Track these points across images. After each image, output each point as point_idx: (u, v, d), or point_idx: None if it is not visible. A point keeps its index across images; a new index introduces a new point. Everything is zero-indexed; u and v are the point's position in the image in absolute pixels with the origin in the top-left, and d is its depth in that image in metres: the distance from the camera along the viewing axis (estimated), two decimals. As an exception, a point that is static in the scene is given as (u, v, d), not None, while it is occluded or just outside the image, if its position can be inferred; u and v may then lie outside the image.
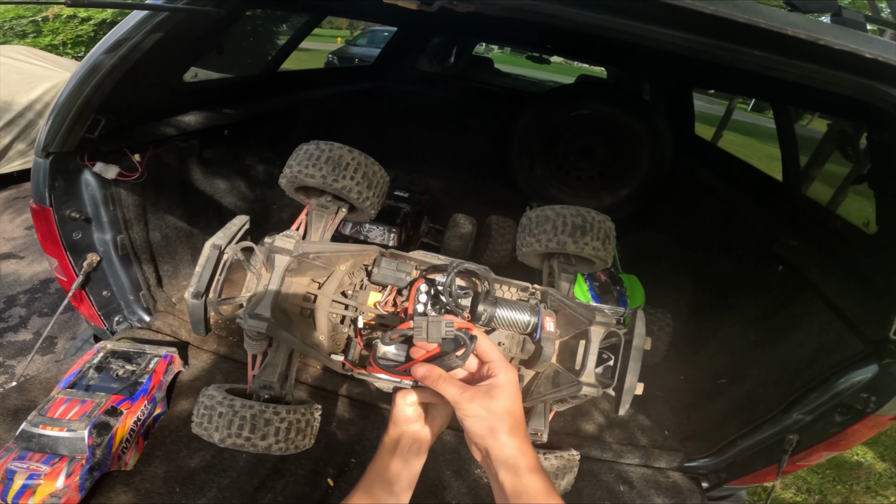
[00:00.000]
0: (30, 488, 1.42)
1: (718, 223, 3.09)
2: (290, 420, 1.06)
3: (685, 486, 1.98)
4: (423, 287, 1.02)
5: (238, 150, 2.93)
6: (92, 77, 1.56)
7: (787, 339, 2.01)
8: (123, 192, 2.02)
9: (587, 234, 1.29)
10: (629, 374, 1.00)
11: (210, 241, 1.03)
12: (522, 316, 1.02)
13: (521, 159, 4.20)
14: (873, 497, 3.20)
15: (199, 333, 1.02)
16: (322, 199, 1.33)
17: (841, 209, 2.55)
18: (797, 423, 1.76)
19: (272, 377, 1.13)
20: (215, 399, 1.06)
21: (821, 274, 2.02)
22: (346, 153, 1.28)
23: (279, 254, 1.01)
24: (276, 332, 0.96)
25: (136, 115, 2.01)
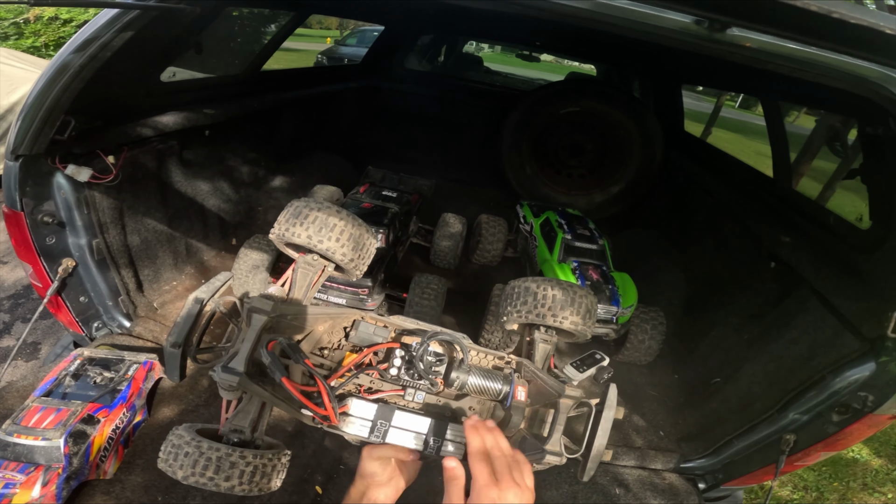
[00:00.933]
0: (6, 497, 1.37)
1: (710, 220, 3.07)
2: (256, 464, 1.06)
3: (682, 487, 1.95)
4: (398, 352, 1.06)
5: (221, 152, 2.86)
6: (60, 78, 1.50)
7: (782, 337, 1.99)
8: (98, 195, 1.95)
9: (567, 308, 1.32)
10: (597, 442, 1.02)
11: (193, 295, 1.07)
12: (494, 384, 1.07)
13: (511, 157, 4.17)
14: (870, 494, 3.18)
15: (173, 380, 1.05)
16: (309, 257, 1.34)
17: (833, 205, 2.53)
18: (794, 422, 1.73)
19: (243, 422, 1.13)
20: (183, 439, 1.06)
21: (814, 270, 2.00)
22: (333, 214, 1.30)
23: (256, 313, 1.02)
24: (248, 387, 0.98)
25: (108, 116, 1.94)
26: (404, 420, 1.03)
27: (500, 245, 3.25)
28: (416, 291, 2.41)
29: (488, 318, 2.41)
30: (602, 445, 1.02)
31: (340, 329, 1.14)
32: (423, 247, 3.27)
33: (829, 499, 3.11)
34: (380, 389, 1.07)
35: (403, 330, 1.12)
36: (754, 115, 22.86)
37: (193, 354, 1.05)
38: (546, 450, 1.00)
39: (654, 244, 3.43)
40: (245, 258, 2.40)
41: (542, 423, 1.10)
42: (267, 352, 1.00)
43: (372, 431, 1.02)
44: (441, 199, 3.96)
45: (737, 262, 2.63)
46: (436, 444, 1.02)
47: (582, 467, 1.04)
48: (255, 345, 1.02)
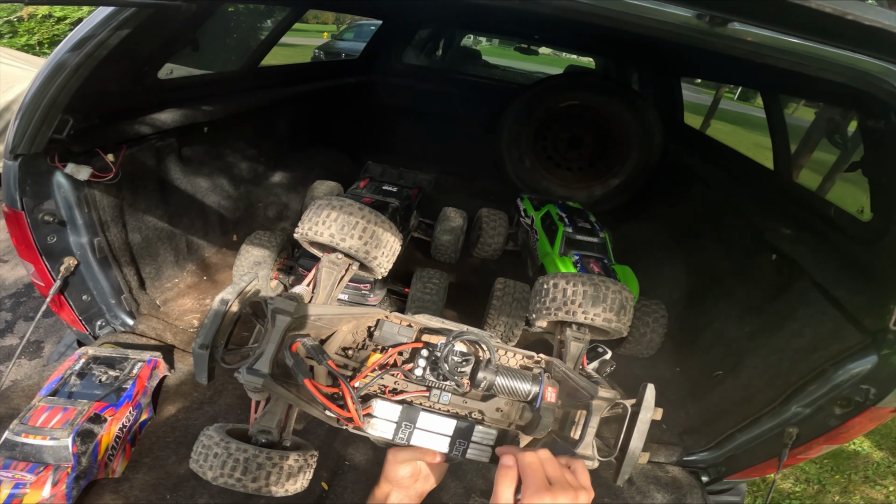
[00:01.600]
0: (16, 497, 1.38)
1: (710, 212, 3.08)
2: (283, 466, 1.09)
3: (685, 480, 1.96)
4: (423, 352, 1.04)
5: (220, 148, 2.85)
6: (56, 76, 1.49)
7: (783, 330, 1.99)
8: (98, 194, 1.94)
9: (599, 305, 1.28)
10: (633, 445, 0.99)
11: (219, 296, 1.07)
12: (523, 385, 1.03)
13: (510, 151, 4.16)
14: (872, 487, 3.20)
15: (201, 381, 1.06)
16: (333, 256, 1.36)
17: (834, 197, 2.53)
18: (796, 415, 1.73)
19: (271, 423, 1.15)
20: (213, 440, 1.09)
21: (815, 262, 2.01)
22: (356, 211, 1.30)
23: (280, 314, 1.03)
24: (272, 388, 0.99)
25: (106, 114, 1.93)
26: (430, 422, 1.02)
27: (501, 239, 3.25)
28: (417, 286, 2.41)
29: (490, 312, 2.41)
30: (638, 448, 0.99)
31: (364, 329, 1.13)
32: (424, 241, 3.27)
33: (830, 491, 3.13)
34: (404, 390, 1.05)
35: (428, 329, 1.10)
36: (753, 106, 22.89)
37: (221, 356, 1.07)
38: (577, 454, 0.98)
39: (654, 237, 3.44)
40: (246, 254, 2.40)
41: (573, 424, 1.07)
42: (290, 353, 1.00)
43: (397, 433, 1.01)
44: (441, 193, 3.96)
45: (737, 255, 2.63)
46: (461, 446, 1.01)
47: (616, 470, 1.02)
48: (280, 346, 1.02)
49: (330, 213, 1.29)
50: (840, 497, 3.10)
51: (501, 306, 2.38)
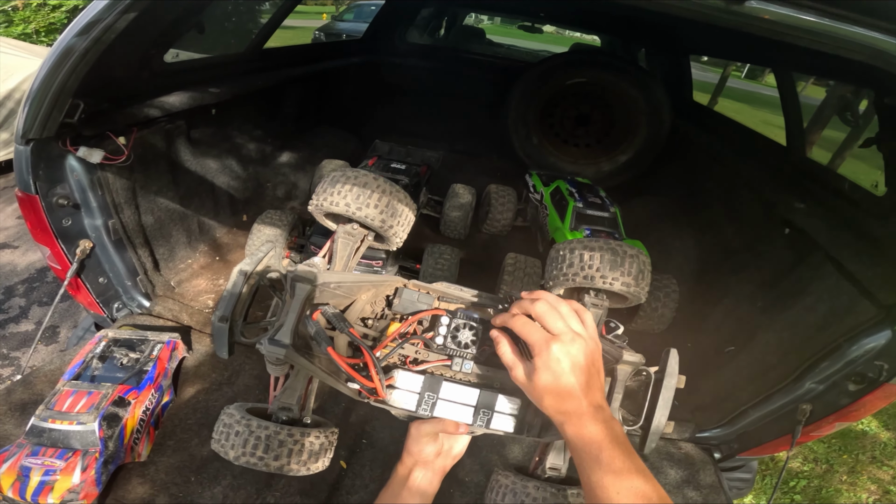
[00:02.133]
0: (47, 484, 1.39)
1: (721, 187, 3.06)
2: (304, 443, 1.08)
3: (698, 457, 1.99)
4: (443, 319, 1.01)
5: (228, 130, 2.85)
6: (65, 61, 1.48)
7: (796, 305, 1.99)
8: (111, 176, 1.95)
9: (617, 269, 1.26)
10: (658, 413, 0.98)
11: (237, 267, 1.05)
12: None
13: (518, 128, 4.13)
14: (879, 467, 3.24)
15: (221, 356, 1.05)
16: (348, 227, 1.35)
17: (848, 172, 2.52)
18: (810, 392, 1.73)
19: (291, 399, 1.14)
20: (234, 418, 1.09)
21: (829, 236, 2.00)
22: (371, 181, 1.30)
23: (300, 283, 1.01)
24: (294, 359, 0.98)
25: (115, 97, 1.93)
26: (452, 392, 1.00)
27: (510, 214, 3.25)
28: (429, 262, 2.42)
29: (501, 286, 2.42)
30: (664, 417, 0.98)
31: (383, 298, 1.11)
32: (433, 218, 3.28)
33: (838, 471, 3.17)
34: (426, 360, 1.03)
35: (447, 296, 1.08)
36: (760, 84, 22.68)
37: (240, 330, 1.05)
38: None
39: (664, 212, 3.42)
40: (258, 233, 2.41)
41: None
42: (311, 321, 0.97)
43: (419, 404, 0.99)
44: (448, 171, 3.94)
45: (749, 229, 2.62)
46: (486, 416, 0.99)
47: (642, 440, 1.01)
48: (300, 315, 1.00)
49: (345, 184, 1.29)
50: (848, 477, 3.14)
51: (512, 281, 2.39)
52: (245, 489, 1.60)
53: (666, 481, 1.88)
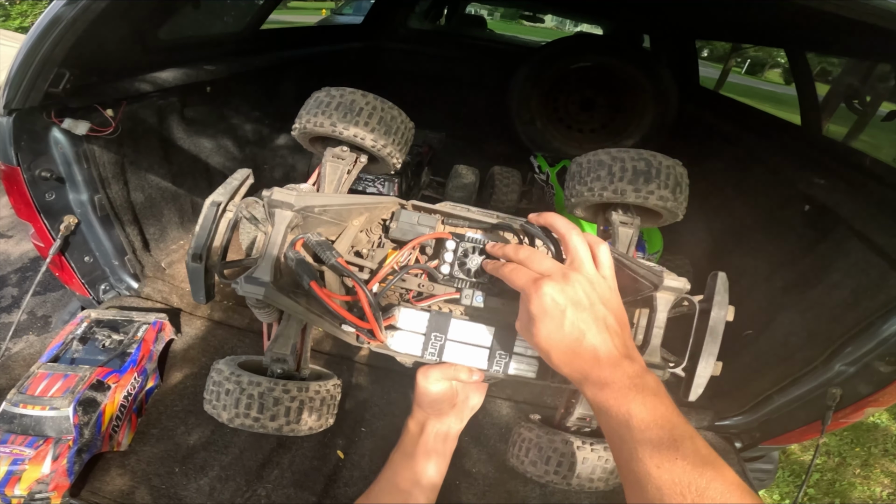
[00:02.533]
0: (15, 475, 1.29)
1: (732, 168, 2.97)
2: (302, 399, 0.94)
3: (718, 446, 1.86)
4: (449, 244, 0.88)
5: (223, 109, 2.75)
6: (52, 30, 1.41)
7: (821, 283, 1.88)
8: (97, 149, 1.86)
9: (652, 182, 1.08)
10: (705, 353, 0.85)
11: (210, 198, 0.91)
12: None
13: (521, 113, 4.05)
14: (892, 460, 3.15)
15: (198, 301, 0.92)
16: (337, 150, 1.17)
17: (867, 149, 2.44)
18: (840, 374, 1.62)
19: (284, 349, 1.00)
20: (223, 374, 0.95)
21: (853, 210, 1.90)
22: (358, 97, 1.12)
23: (279, 208, 0.86)
24: (277, 299, 0.83)
25: (105, 71, 1.86)
26: (463, 331, 0.86)
27: (515, 196, 3.15)
28: None
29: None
30: (713, 354, 0.84)
31: (378, 223, 0.99)
32: (436, 199, 3.16)
33: (851, 464, 3.09)
34: (431, 294, 0.90)
35: (452, 217, 0.95)
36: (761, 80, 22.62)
37: (219, 269, 0.92)
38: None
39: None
40: None
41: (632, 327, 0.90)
42: (293, 251, 0.84)
43: (426, 348, 0.87)
44: (451, 155, 3.87)
45: (765, 209, 2.52)
46: (503, 359, 0.86)
47: (686, 384, 0.86)
48: (282, 247, 0.86)
49: (330, 102, 1.12)
50: (861, 470, 3.06)
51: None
52: (234, 480, 1.49)
53: (685, 472, 1.77)
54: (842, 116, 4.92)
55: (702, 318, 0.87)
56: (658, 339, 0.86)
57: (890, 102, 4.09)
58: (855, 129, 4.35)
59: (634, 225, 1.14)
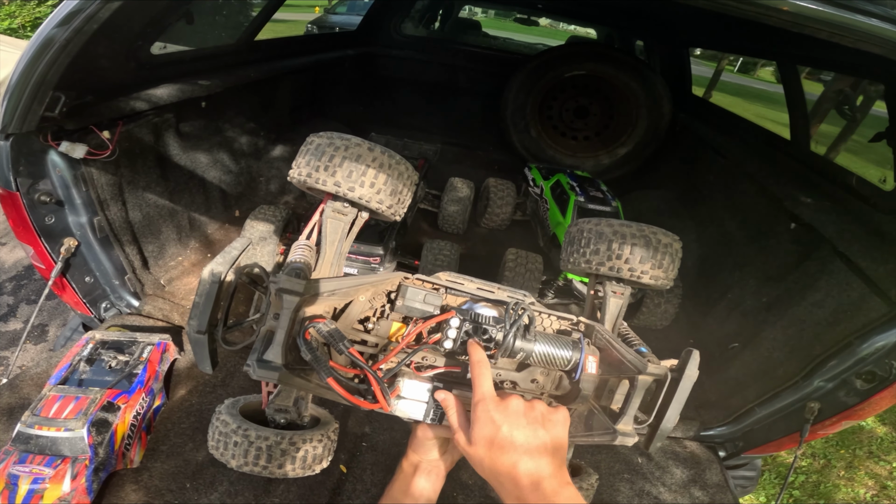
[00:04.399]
0: (37, 493, 1.34)
1: (722, 181, 3.03)
2: (307, 448, 1.02)
3: (703, 455, 1.96)
4: (453, 322, 0.90)
5: (219, 123, 2.77)
6: (45, 53, 1.41)
7: (804, 300, 1.96)
8: (95, 172, 1.87)
9: (648, 261, 1.15)
10: (670, 414, 0.92)
11: (208, 268, 0.91)
12: (563, 353, 0.93)
13: (516, 121, 4.09)
14: (876, 462, 3.23)
15: (204, 370, 0.95)
16: (338, 205, 1.14)
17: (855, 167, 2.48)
18: (818, 390, 1.70)
19: (287, 402, 1.06)
20: (230, 427, 1.01)
21: (838, 231, 1.96)
22: (365, 152, 1.07)
23: (287, 294, 0.87)
24: (290, 381, 0.87)
25: (99, 90, 1.86)
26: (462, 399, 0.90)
27: (510, 208, 3.21)
28: (428, 258, 2.36)
29: (502, 283, 2.37)
30: (675, 417, 0.91)
31: (383, 294, 0.99)
32: (431, 212, 3.22)
33: (836, 466, 3.16)
34: (432, 365, 0.95)
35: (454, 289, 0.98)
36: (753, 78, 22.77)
37: (222, 336, 0.94)
38: (618, 430, 0.90)
39: (663, 206, 3.38)
40: (251, 230, 2.34)
41: (611, 393, 0.97)
42: (305, 341, 0.86)
43: (427, 414, 0.93)
44: (445, 164, 3.91)
45: (753, 224, 2.59)
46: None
47: (649, 437, 0.94)
48: (290, 330, 0.88)
49: (333, 155, 1.07)
50: (845, 472, 3.13)
51: (514, 277, 2.34)
52: (243, 495, 1.54)
53: (672, 480, 1.85)
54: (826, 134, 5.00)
55: (672, 387, 0.92)
56: (633, 411, 0.92)
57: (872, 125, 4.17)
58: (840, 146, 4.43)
59: (625, 296, 1.19)
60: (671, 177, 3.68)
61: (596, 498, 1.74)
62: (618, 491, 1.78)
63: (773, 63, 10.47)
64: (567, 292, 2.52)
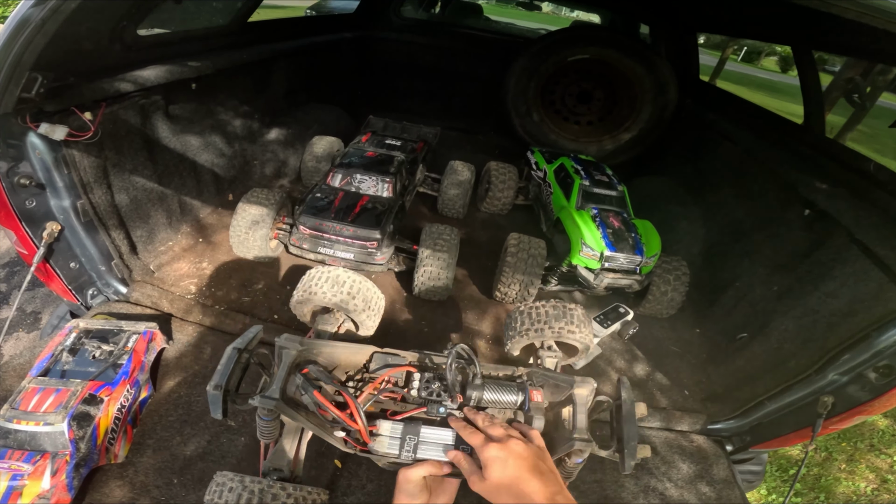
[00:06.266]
0: (16, 490, 1.28)
1: (730, 167, 2.94)
2: (297, 497, 1.13)
3: (710, 450, 1.89)
4: (416, 375, 1.17)
5: (210, 105, 2.68)
6: (20, 33, 1.34)
7: (817, 290, 1.89)
8: (77, 154, 1.79)
9: (561, 321, 1.47)
10: (627, 434, 1.07)
11: (231, 346, 1.14)
12: (510, 396, 1.14)
13: (518, 105, 3.98)
14: (877, 455, 3.18)
15: (216, 416, 1.10)
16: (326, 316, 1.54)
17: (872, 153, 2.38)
18: (833, 383, 1.63)
19: (281, 462, 1.20)
20: (227, 477, 1.14)
21: (855, 218, 1.89)
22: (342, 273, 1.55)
23: (287, 349, 1.14)
24: (284, 410, 1.05)
25: (81, 71, 1.78)
26: (430, 433, 1.09)
27: (511, 192, 3.13)
28: (427, 243, 2.28)
29: (504, 269, 2.30)
30: (633, 435, 1.06)
31: (361, 363, 1.24)
32: (431, 196, 3.15)
33: (837, 459, 3.12)
34: (403, 411, 1.14)
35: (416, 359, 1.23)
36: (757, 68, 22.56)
37: (233, 397, 1.12)
38: (574, 438, 1.05)
39: (669, 192, 3.29)
40: (243, 214, 2.26)
41: (565, 422, 1.15)
42: (300, 374, 1.11)
43: (402, 447, 1.08)
44: (445, 149, 3.82)
45: (762, 210, 2.51)
46: (465, 451, 1.05)
47: (621, 461, 1.07)
48: (287, 375, 1.11)
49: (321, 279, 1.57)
50: (846, 465, 3.09)
51: (516, 263, 2.26)
52: (232, 492, 1.48)
53: (678, 476, 1.78)
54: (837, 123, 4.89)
55: (618, 412, 1.12)
56: (582, 421, 1.09)
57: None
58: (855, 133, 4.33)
59: (557, 355, 1.49)
60: (677, 163, 3.59)
61: (600, 494, 1.68)
62: (623, 487, 1.72)
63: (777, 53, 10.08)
64: (571, 279, 2.46)
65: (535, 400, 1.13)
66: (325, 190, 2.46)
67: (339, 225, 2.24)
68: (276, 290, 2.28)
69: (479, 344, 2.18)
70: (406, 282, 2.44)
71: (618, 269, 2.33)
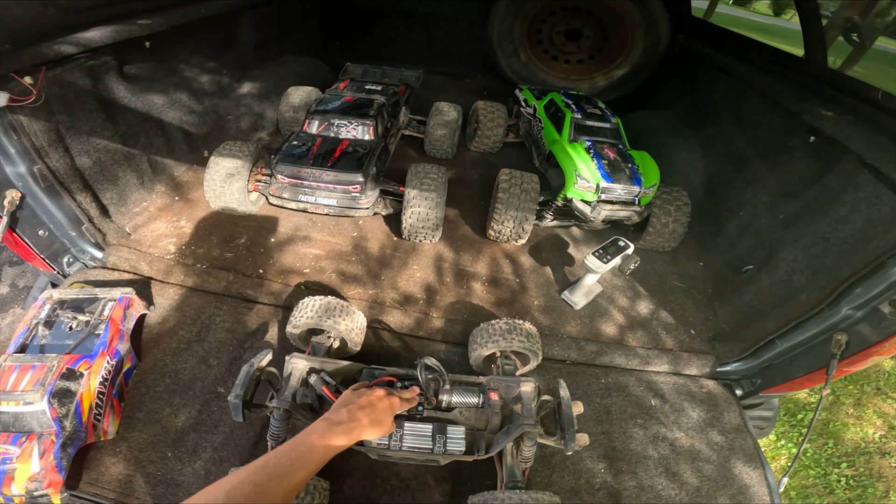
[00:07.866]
0: (7, 474, 1.22)
1: (728, 99, 2.82)
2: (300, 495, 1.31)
3: (720, 395, 1.83)
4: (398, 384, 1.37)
5: (171, 63, 2.51)
6: None
7: (827, 216, 1.80)
8: (24, 119, 1.66)
9: (512, 333, 1.69)
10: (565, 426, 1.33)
11: (247, 365, 1.34)
12: (472, 398, 1.42)
13: (503, 45, 3.79)
14: (884, 399, 3.15)
15: (237, 419, 1.28)
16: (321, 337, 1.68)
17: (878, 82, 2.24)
18: (847, 319, 1.55)
19: None
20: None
21: (865, 143, 1.79)
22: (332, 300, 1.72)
23: (295, 365, 1.42)
24: (295, 410, 1.33)
25: (16, 38, 1.65)
26: (414, 428, 1.37)
27: (501, 130, 3.02)
28: (413, 183, 2.16)
29: (497, 206, 2.21)
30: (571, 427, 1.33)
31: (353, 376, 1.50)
32: (418, 139, 3.02)
33: (844, 403, 3.08)
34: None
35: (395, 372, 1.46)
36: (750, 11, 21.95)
37: (249, 406, 1.32)
38: (523, 423, 1.32)
39: (665, 125, 3.17)
40: (216, 167, 2.14)
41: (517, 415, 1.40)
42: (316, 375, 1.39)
43: (391, 439, 1.34)
44: (430, 92, 3.65)
45: (765, 139, 2.41)
46: (440, 440, 1.36)
47: (566, 444, 1.31)
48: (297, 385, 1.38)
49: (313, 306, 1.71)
50: (854, 410, 3.04)
51: (509, 199, 2.17)
52: (228, 461, 1.43)
53: (688, 424, 1.73)
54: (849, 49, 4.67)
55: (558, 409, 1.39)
56: (529, 410, 1.37)
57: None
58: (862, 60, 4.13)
59: (513, 364, 1.67)
60: (672, 97, 3.45)
61: (608, 446, 1.64)
62: (631, 437, 1.67)
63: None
64: (567, 213, 2.39)
65: (493, 399, 1.41)
66: (301, 137, 2.31)
67: (318, 170, 2.10)
68: (259, 243, 2.17)
69: (475, 287, 2.10)
70: (395, 225, 2.35)
71: (615, 200, 2.24)
